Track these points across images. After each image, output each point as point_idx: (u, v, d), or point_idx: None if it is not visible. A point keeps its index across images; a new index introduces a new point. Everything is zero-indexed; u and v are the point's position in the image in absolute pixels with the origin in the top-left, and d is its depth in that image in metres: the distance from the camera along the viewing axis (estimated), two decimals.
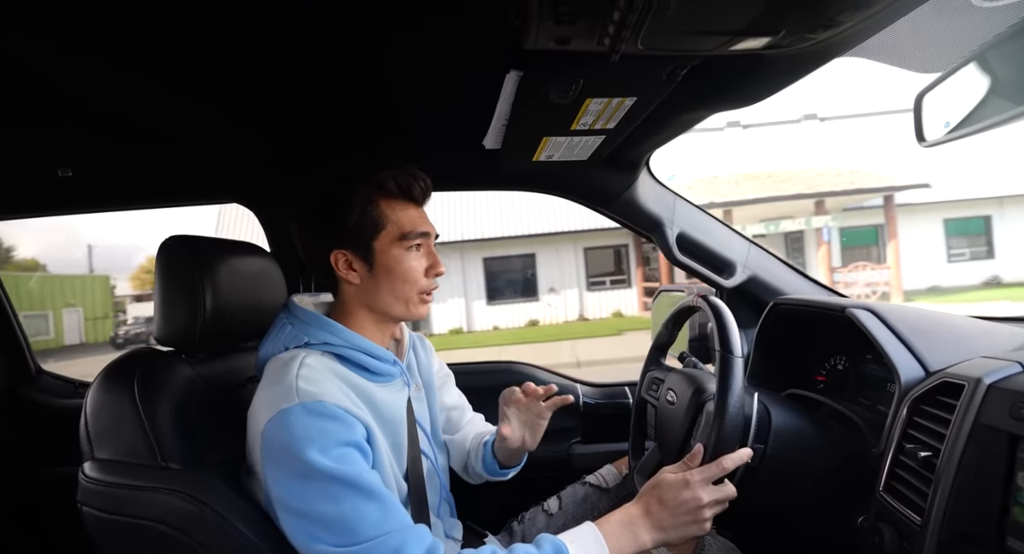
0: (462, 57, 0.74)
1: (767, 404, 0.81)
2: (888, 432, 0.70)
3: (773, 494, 0.83)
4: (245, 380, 0.88)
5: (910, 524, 0.61)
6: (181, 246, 0.79)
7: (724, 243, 1.27)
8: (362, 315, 0.79)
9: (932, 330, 0.77)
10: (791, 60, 0.69)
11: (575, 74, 0.69)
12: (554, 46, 0.56)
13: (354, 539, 0.61)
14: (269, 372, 0.71)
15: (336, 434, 0.64)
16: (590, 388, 1.45)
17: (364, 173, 0.77)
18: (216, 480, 0.69)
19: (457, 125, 1.01)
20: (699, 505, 0.67)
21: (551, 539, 0.66)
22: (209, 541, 0.64)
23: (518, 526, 1.03)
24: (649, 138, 1.07)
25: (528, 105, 0.79)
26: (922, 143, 0.62)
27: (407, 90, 0.86)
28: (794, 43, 0.57)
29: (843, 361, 1.00)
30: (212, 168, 1.22)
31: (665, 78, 0.71)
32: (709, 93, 0.83)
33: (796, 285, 1.27)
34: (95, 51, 0.69)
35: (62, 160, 1.09)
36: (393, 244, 0.76)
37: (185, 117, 0.94)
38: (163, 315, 0.79)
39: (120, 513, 0.65)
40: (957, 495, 0.56)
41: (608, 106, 0.80)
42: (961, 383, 0.61)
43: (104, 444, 0.69)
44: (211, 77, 0.78)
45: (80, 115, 0.92)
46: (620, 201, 1.24)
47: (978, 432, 0.56)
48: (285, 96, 0.87)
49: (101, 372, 0.74)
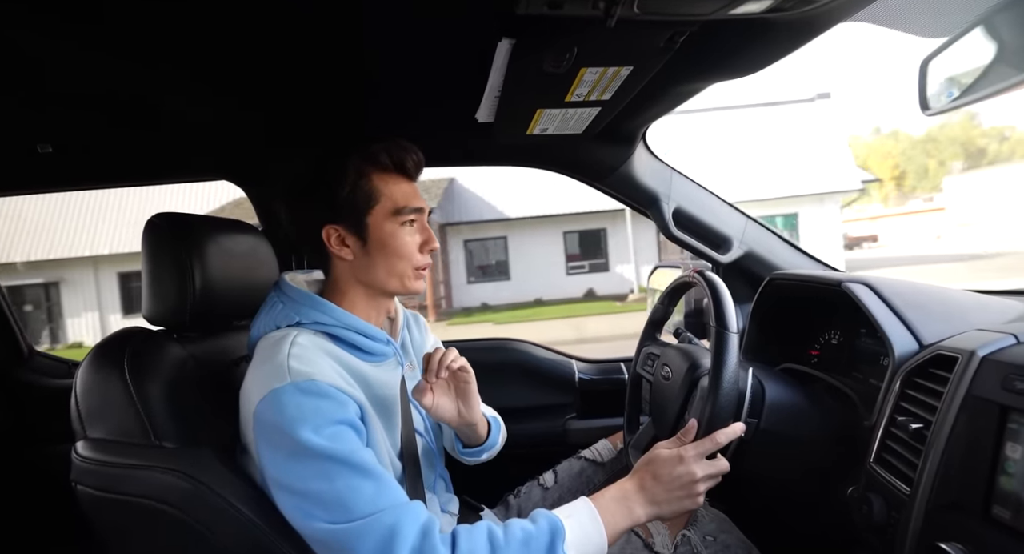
0: (453, 25, 0.71)
1: (761, 378, 0.82)
2: (880, 405, 0.71)
3: (766, 466, 0.84)
4: (238, 359, 0.87)
5: (899, 494, 0.62)
6: (168, 224, 0.78)
7: (721, 218, 1.26)
8: (355, 292, 0.78)
9: (926, 303, 0.77)
10: (793, 26, 0.67)
11: (569, 42, 0.66)
12: (547, 11, 0.54)
13: (349, 516, 0.61)
14: (260, 351, 0.71)
15: (329, 412, 0.64)
16: (586, 364, 1.45)
17: (356, 146, 0.75)
18: (211, 458, 0.69)
19: (450, 98, 0.98)
20: (693, 480, 0.68)
21: (546, 514, 0.66)
22: (205, 518, 0.65)
23: (514, 500, 1.04)
24: (646, 110, 1.04)
25: (521, 76, 0.77)
26: (926, 111, 0.61)
27: (397, 62, 0.83)
28: (797, 6, 0.55)
29: (837, 335, 1.00)
30: (201, 145, 1.19)
31: (663, 46, 0.69)
32: (707, 62, 0.81)
33: (792, 260, 1.27)
34: (76, 30, 0.66)
35: (41, 136, 1.05)
36: (387, 219, 0.74)
37: (173, 93, 0.91)
38: (152, 294, 0.77)
39: (114, 491, 0.65)
40: (946, 465, 0.57)
41: (603, 76, 0.77)
42: (955, 355, 0.61)
43: (96, 423, 0.69)
44: (198, 51, 0.75)
45: (60, 89, 0.89)
46: (616, 176, 1.23)
47: (970, 404, 0.56)
48: (273, 71, 0.84)
49: (91, 351, 0.73)
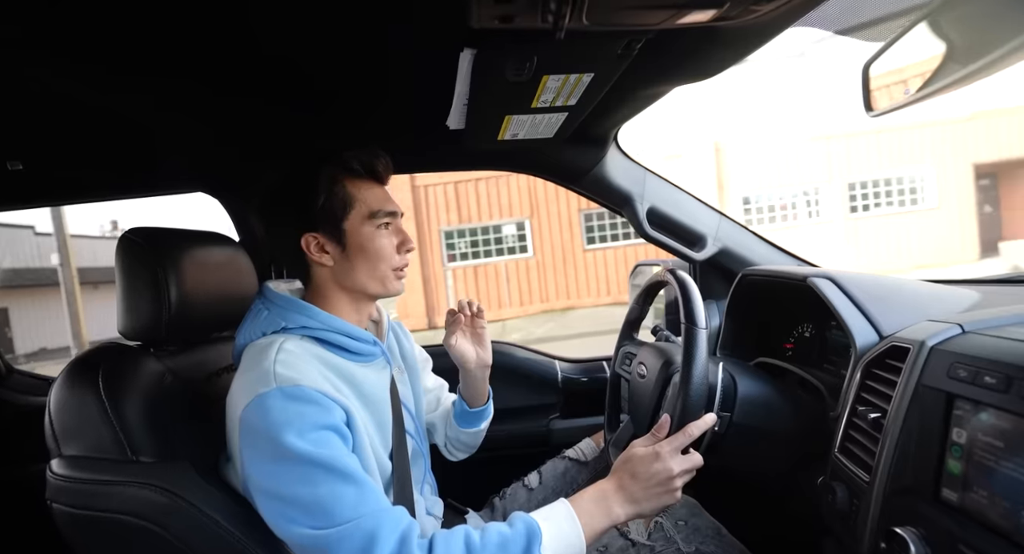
0: (417, 36, 0.72)
1: (733, 373, 0.83)
2: (843, 396, 0.73)
3: (739, 459, 0.86)
4: (219, 370, 0.87)
5: (860, 481, 0.64)
6: (141, 239, 0.78)
7: (694, 216, 1.28)
8: (338, 297, 0.79)
9: (886, 296, 0.79)
10: (744, 32, 0.69)
11: (528, 51, 0.68)
12: (498, 25, 0.55)
13: (331, 522, 0.61)
14: (247, 358, 0.71)
15: (313, 417, 0.65)
16: (568, 364, 1.47)
17: (326, 155, 0.77)
18: (189, 471, 0.69)
19: (420, 106, 0.99)
20: (670, 476, 0.69)
21: (523, 517, 0.67)
22: (183, 532, 0.65)
23: (500, 502, 1.05)
24: (614, 113, 1.06)
25: (485, 84, 0.78)
26: (870, 113, 0.63)
27: (367, 73, 0.84)
28: (741, 15, 0.56)
29: (809, 328, 1.02)
30: (175, 159, 1.19)
31: (620, 53, 0.70)
32: (665, 67, 0.83)
33: (766, 256, 1.29)
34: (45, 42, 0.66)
35: (10, 153, 1.05)
36: (364, 223, 0.76)
37: (145, 107, 0.91)
38: (126, 309, 0.78)
39: (91, 508, 0.65)
40: (901, 452, 0.59)
41: (566, 83, 0.79)
42: (907, 346, 0.63)
43: (70, 441, 0.69)
44: (169, 64, 0.75)
45: (28, 105, 0.88)
46: (589, 177, 1.24)
47: (920, 392, 0.59)
48: (244, 86, 0.85)
49: (64, 369, 0.73)
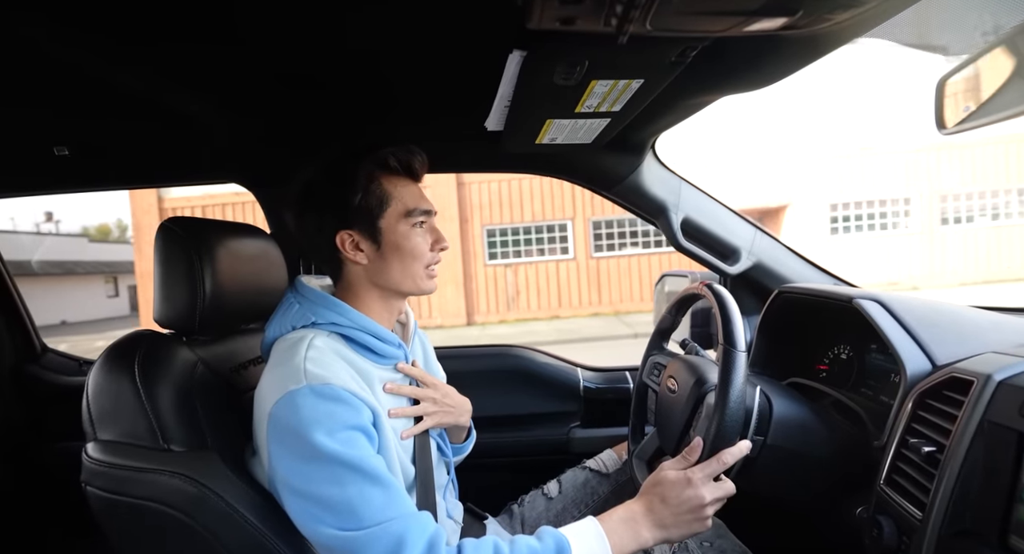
0: (465, 36, 0.71)
1: (768, 393, 0.80)
2: (891, 425, 0.70)
3: (772, 482, 0.83)
4: (247, 362, 0.87)
5: (910, 518, 0.60)
6: (180, 228, 0.78)
7: (730, 229, 1.25)
8: (369, 295, 0.78)
9: (940, 322, 0.76)
10: (806, 41, 0.66)
11: (580, 55, 0.66)
12: (558, 27, 0.53)
13: (359, 524, 0.61)
14: (276, 353, 0.71)
15: (343, 417, 0.64)
16: (591, 372, 1.45)
17: (364, 152, 0.76)
18: (217, 463, 0.69)
19: (459, 106, 0.98)
20: (701, 503, 0.67)
21: (552, 533, 0.66)
22: (211, 522, 0.65)
23: (518, 509, 1.04)
24: (655, 121, 1.04)
25: (531, 87, 0.77)
26: (942, 131, 0.60)
27: (409, 70, 0.83)
28: (812, 24, 0.54)
29: (847, 350, 0.99)
30: (212, 149, 1.20)
31: (674, 60, 0.68)
32: (718, 76, 0.80)
33: (802, 273, 1.25)
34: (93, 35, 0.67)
35: (58, 138, 1.07)
36: (399, 221, 0.76)
37: (185, 98, 0.92)
38: (163, 298, 0.78)
39: (123, 493, 0.66)
40: (960, 491, 0.56)
41: (614, 88, 0.77)
42: (970, 379, 0.60)
43: (106, 425, 0.70)
44: (213, 58, 0.76)
45: (77, 93, 0.90)
46: (624, 185, 1.22)
47: (985, 429, 0.55)
48: (286, 78, 0.85)
49: (102, 353, 0.74)
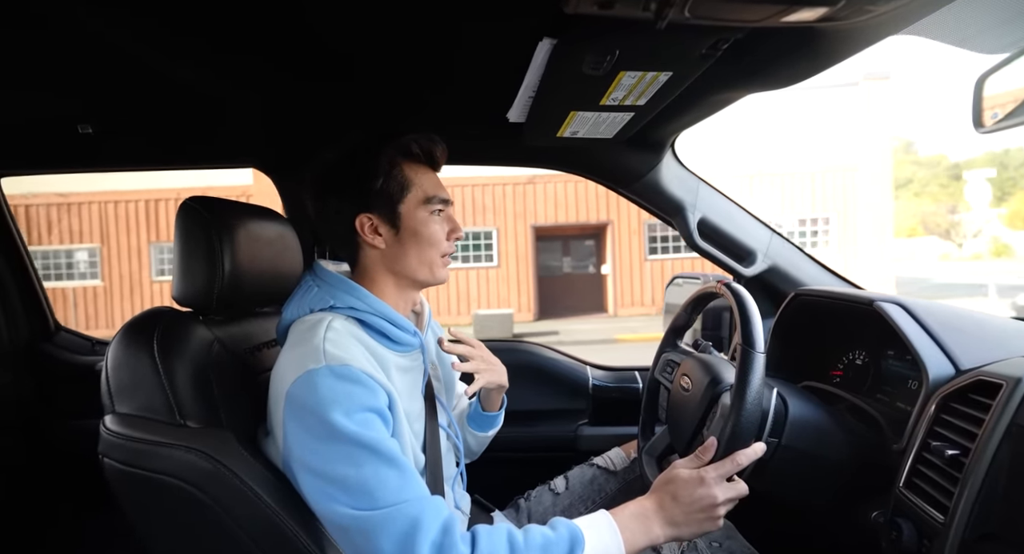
0: (496, 24, 0.71)
1: (785, 395, 0.80)
2: (912, 429, 0.69)
3: (785, 484, 0.82)
4: (261, 345, 0.87)
5: (932, 522, 0.60)
6: (202, 207, 0.78)
7: (746, 231, 1.24)
8: (385, 281, 0.79)
9: (963, 327, 0.75)
10: (841, 36, 0.66)
11: (611, 44, 0.66)
12: (596, 11, 0.53)
13: (373, 504, 0.61)
14: (295, 334, 0.71)
15: (360, 398, 0.64)
16: (600, 371, 1.44)
17: (387, 137, 0.77)
18: (232, 441, 0.69)
19: (482, 96, 0.98)
20: (713, 503, 0.67)
21: (566, 522, 0.65)
22: (224, 498, 0.65)
23: (524, 503, 1.03)
24: (677, 118, 1.03)
25: (558, 76, 0.76)
26: (979, 130, 0.59)
27: (436, 59, 0.83)
28: (851, 15, 0.53)
29: (863, 356, 0.98)
30: (233, 132, 1.20)
31: (705, 52, 0.68)
32: (747, 71, 0.80)
33: (817, 277, 1.24)
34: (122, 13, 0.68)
35: (83, 116, 1.08)
36: (419, 207, 0.77)
37: (212, 80, 0.93)
38: (182, 275, 0.78)
39: (139, 466, 0.66)
40: (986, 495, 0.55)
41: (641, 81, 0.77)
42: (999, 382, 0.59)
43: (124, 399, 0.70)
44: (238, 42, 0.76)
45: (103, 72, 0.90)
46: (642, 183, 1.21)
47: (1014, 432, 0.54)
48: (308, 64, 0.85)
49: (122, 328, 0.74)
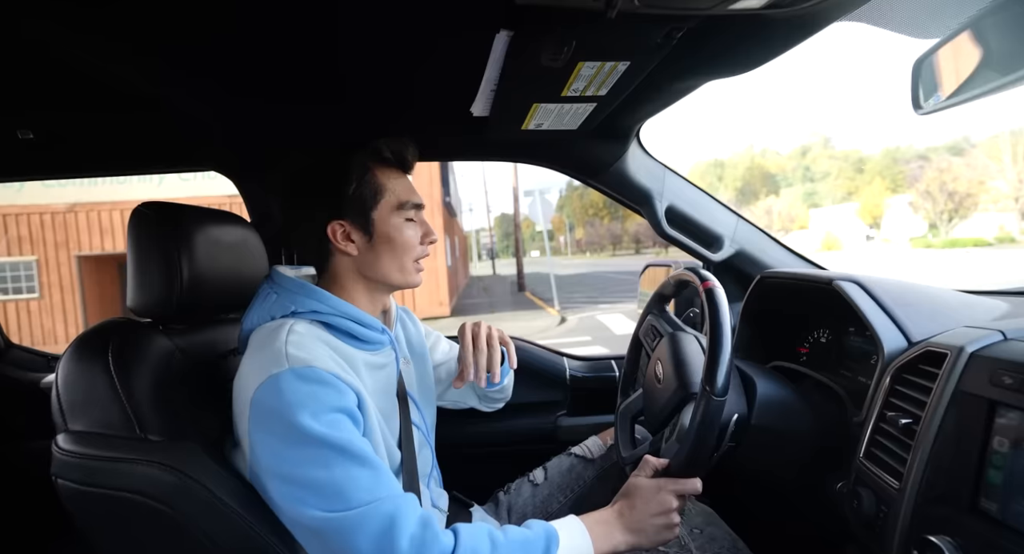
0: (451, 17, 0.70)
1: (752, 374, 0.82)
2: (870, 401, 0.72)
3: (756, 462, 0.85)
4: (226, 353, 0.85)
5: (888, 488, 0.62)
6: (156, 213, 0.76)
7: (713, 217, 1.27)
8: (355, 286, 0.78)
9: (915, 302, 0.78)
10: (788, 23, 0.67)
11: (568, 35, 0.66)
12: (548, 1, 0.53)
13: (346, 505, 0.60)
14: (255, 340, 0.70)
15: (327, 399, 0.63)
16: (577, 362, 1.45)
17: (359, 142, 0.76)
18: (197, 452, 0.67)
19: (445, 91, 0.97)
20: (669, 508, 0.71)
21: (541, 522, 0.68)
22: (191, 512, 0.63)
23: (504, 496, 1.04)
24: (640, 107, 1.05)
25: (518, 69, 0.76)
26: (918, 111, 0.62)
27: (394, 56, 0.82)
28: (795, 2, 0.55)
29: (826, 334, 1.01)
30: (189, 135, 1.16)
31: (660, 41, 0.69)
32: (703, 60, 0.81)
33: (782, 259, 1.28)
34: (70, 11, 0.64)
35: (22, 121, 1.02)
36: (392, 213, 0.76)
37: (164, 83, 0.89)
38: (137, 284, 0.75)
39: (97, 485, 0.63)
40: (935, 459, 0.58)
41: (600, 71, 0.77)
42: (944, 352, 0.62)
43: (78, 416, 0.67)
44: (191, 41, 0.73)
45: (40, 73, 0.86)
46: (610, 173, 1.23)
47: (959, 399, 0.57)
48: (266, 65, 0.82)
49: (73, 341, 0.71)
